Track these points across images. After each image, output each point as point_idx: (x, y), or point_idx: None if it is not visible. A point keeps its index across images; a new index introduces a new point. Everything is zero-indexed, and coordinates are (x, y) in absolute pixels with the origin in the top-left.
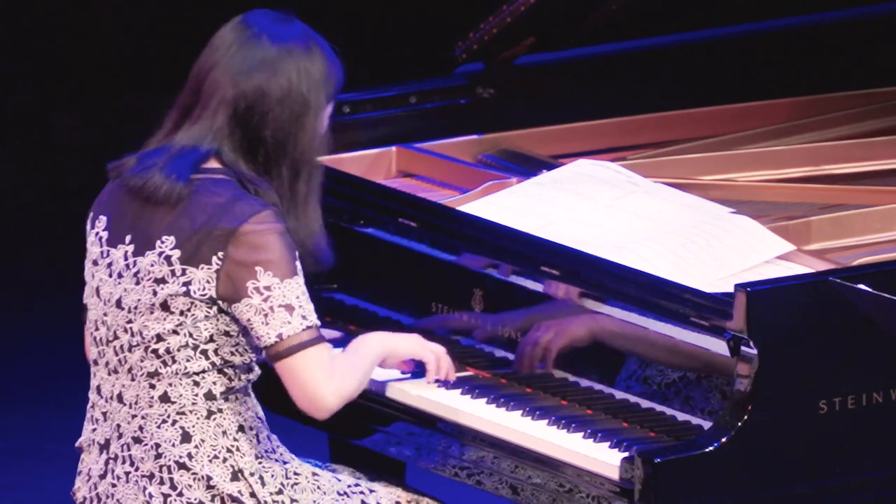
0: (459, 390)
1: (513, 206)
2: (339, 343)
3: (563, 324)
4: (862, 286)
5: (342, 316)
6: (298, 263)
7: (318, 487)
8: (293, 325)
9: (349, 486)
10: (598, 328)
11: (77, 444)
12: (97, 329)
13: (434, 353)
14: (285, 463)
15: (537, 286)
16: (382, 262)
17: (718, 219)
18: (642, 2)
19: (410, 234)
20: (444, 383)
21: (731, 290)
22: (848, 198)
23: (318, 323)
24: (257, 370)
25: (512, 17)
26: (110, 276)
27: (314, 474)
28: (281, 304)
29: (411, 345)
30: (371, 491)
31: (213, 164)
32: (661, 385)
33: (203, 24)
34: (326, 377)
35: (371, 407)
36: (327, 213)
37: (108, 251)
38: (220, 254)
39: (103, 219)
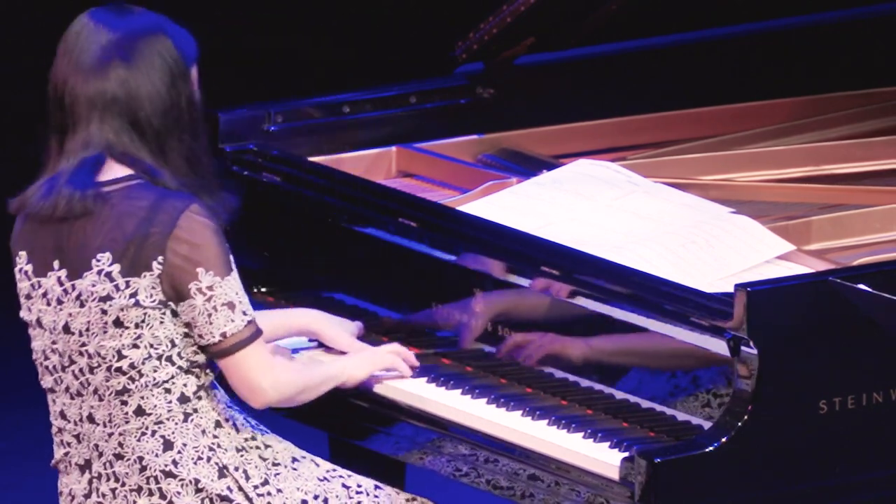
0: (459, 390)
1: (513, 206)
2: None
3: (560, 343)
4: (862, 286)
5: (342, 316)
6: (232, 257)
7: (300, 475)
8: (236, 323)
9: (328, 472)
10: (591, 354)
11: (52, 464)
12: (47, 358)
13: (389, 361)
14: (265, 453)
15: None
16: (382, 262)
17: (718, 219)
18: (642, 2)
19: (410, 234)
20: (444, 383)
21: (731, 290)
22: (848, 198)
23: (254, 315)
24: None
25: (512, 17)
26: (48, 304)
27: (293, 460)
28: (223, 302)
29: (365, 371)
30: (349, 475)
31: (117, 168)
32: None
33: (203, 23)
34: (266, 370)
35: (370, 408)
36: (327, 213)
37: (39, 282)
38: (160, 258)
39: (23, 254)
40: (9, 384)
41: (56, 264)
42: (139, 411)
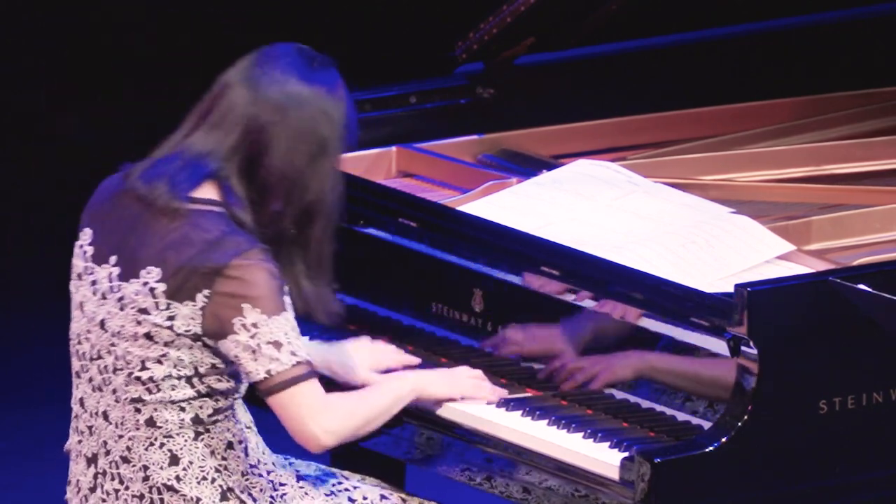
0: None
1: (513, 206)
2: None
3: (611, 363)
4: (862, 286)
5: (342, 316)
6: (287, 299)
7: (306, 493)
8: (281, 362)
9: (333, 485)
10: (645, 368)
11: (65, 449)
12: (80, 343)
13: (471, 388)
14: (270, 475)
15: (570, 299)
16: (382, 262)
17: (718, 219)
18: (642, 2)
19: (410, 234)
20: None
21: (731, 290)
22: (848, 198)
23: (308, 358)
24: (244, 389)
25: (512, 17)
26: (94, 294)
27: (298, 479)
28: (269, 340)
29: (445, 387)
30: (355, 487)
31: (209, 190)
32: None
33: (203, 23)
34: (316, 413)
35: None
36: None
37: (92, 268)
38: (206, 291)
39: (88, 231)
40: (9, 384)
41: (113, 259)
42: (150, 422)
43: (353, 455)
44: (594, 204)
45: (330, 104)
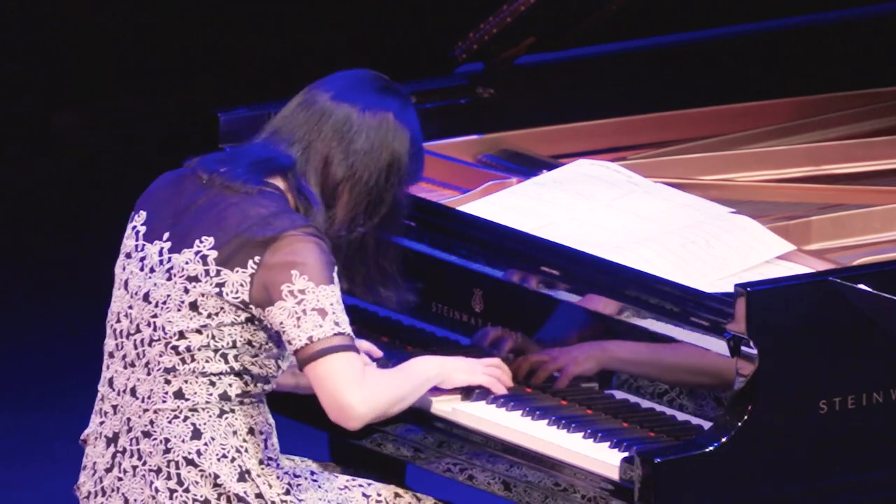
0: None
1: (513, 206)
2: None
3: (573, 356)
4: (862, 286)
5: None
6: (336, 275)
7: (320, 486)
8: (324, 329)
9: (348, 480)
10: (606, 359)
11: (82, 438)
12: (118, 321)
13: (489, 376)
14: (286, 468)
15: (571, 297)
16: None
17: (718, 219)
18: (642, 2)
19: (410, 234)
20: (443, 382)
21: (731, 290)
22: (848, 198)
23: (351, 332)
24: (273, 384)
25: (512, 17)
26: (141, 269)
27: (312, 473)
28: (314, 307)
29: (465, 374)
30: (369, 484)
31: (278, 181)
32: (655, 394)
33: (203, 24)
34: (355, 384)
35: None
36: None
37: (144, 245)
38: (257, 258)
39: (143, 213)
40: (9, 384)
41: (165, 236)
42: (178, 394)
43: (353, 454)
44: (594, 204)
45: (398, 126)
